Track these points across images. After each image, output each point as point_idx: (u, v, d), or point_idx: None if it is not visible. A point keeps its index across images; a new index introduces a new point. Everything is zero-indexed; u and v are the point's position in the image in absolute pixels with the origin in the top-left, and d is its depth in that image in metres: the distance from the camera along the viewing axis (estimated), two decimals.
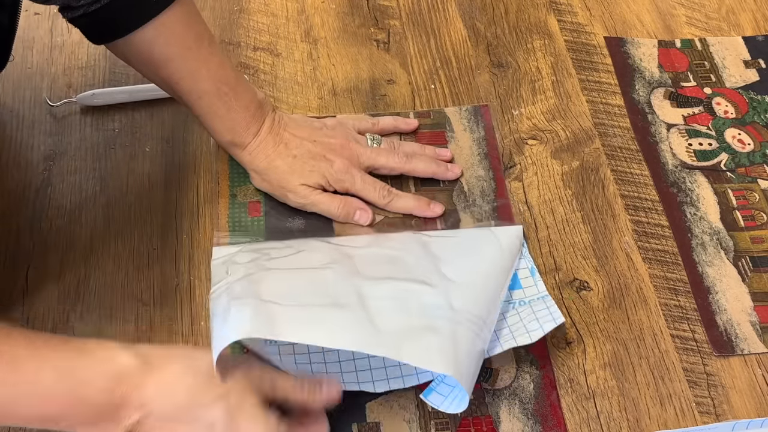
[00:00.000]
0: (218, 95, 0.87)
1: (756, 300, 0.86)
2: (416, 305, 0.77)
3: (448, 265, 0.82)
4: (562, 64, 1.04)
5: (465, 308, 0.77)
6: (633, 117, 1.00)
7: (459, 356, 0.73)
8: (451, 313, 0.76)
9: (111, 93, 0.98)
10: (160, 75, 0.87)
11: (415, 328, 0.75)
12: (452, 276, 0.80)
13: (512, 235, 0.87)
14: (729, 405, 0.80)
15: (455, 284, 0.80)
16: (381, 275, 0.80)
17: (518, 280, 0.84)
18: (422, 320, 0.75)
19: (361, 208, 0.90)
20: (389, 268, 0.81)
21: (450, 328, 0.75)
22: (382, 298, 0.76)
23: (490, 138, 0.97)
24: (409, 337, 0.74)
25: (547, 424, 0.78)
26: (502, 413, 0.79)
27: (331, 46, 1.05)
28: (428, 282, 0.79)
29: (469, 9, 1.09)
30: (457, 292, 0.79)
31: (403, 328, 0.74)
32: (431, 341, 0.74)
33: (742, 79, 1.04)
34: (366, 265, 0.81)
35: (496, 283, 0.82)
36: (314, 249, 0.84)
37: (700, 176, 0.95)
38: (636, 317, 0.85)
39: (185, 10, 0.85)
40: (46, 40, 1.04)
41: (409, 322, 0.75)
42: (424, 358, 0.73)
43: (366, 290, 0.77)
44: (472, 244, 0.86)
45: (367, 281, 0.78)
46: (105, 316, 0.84)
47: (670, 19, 1.10)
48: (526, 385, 0.80)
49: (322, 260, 0.81)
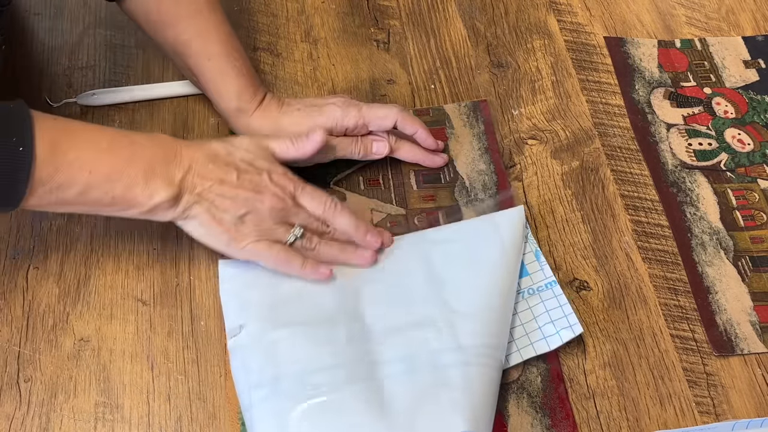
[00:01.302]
0: (228, 58, 0.87)
1: (756, 300, 0.86)
2: (425, 359, 0.78)
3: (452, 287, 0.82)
4: (562, 64, 1.04)
5: (473, 343, 0.78)
6: (633, 117, 1.00)
7: (474, 402, 0.75)
8: (459, 354, 0.78)
9: (111, 93, 0.98)
10: (167, 35, 0.87)
11: (426, 388, 0.76)
12: (457, 304, 0.81)
13: (513, 218, 0.87)
14: (729, 405, 0.80)
15: (461, 315, 0.80)
16: (387, 324, 0.81)
17: (524, 266, 0.85)
18: (433, 375, 0.77)
19: (375, 140, 0.91)
20: (395, 308, 0.82)
21: (461, 372, 0.76)
22: (391, 362, 0.78)
23: (490, 133, 0.98)
24: (422, 403, 0.75)
25: (555, 417, 0.79)
26: (511, 407, 0.79)
27: (331, 46, 1.05)
28: (434, 319, 0.80)
29: (469, 9, 1.09)
30: (463, 325, 0.80)
31: (416, 394, 0.76)
32: (443, 400, 0.75)
33: (741, 79, 1.04)
34: (372, 308, 0.82)
35: (503, 290, 0.82)
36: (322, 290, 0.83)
37: (700, 176, 0.95)
38: (636, 317, 0.85)
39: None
40: (46, 40, 1.04)
41: (420, 383, 0.76)
42: (440, 426, 0.74)
43: (375, 355, 0.78)
44: (475, 247, 0.86)
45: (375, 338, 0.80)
46: (105, 316, 0.84)
47: (670, 19, 1.10)
48: (533, 378, 0.81)
49: (329, 303, 0.82)
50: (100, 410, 0.79)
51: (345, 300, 0.83)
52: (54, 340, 0.82)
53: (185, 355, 0.82)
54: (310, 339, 0.79)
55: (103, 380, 0.80)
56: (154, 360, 0.82)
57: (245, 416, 0.77)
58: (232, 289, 0.84)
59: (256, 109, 0.89)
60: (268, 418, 0.75)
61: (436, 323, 0.80)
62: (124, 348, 0.82)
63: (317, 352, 0.78)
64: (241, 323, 0.81)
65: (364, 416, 0.75)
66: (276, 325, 0.80)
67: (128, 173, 0.76)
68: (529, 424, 0.78)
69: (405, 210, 0.92)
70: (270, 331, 0.80)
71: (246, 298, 0.83)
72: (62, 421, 0.78)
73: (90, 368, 0.81)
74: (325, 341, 0.79)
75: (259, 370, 0.78)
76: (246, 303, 0.82)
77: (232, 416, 0.79)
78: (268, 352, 0.79)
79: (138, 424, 0.78)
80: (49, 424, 0.78)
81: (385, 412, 0.75)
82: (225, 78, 0.88)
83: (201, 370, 0.81)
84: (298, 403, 0.75)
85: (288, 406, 0.75)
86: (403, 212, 0.91)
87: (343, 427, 0.74)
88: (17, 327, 0.83)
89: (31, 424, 0.78)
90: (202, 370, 0.81)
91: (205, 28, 0.86)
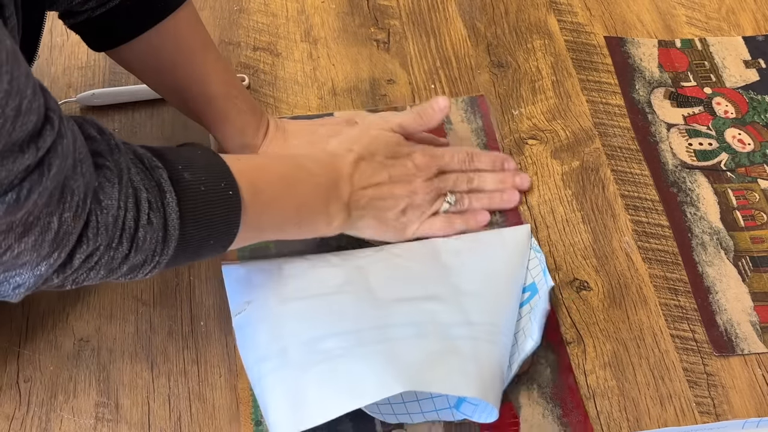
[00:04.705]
0: (228, 98, 0.87)
1: (756, 300, 0.86)
2: (434, 328, 0.78)
3: (459, 275, 0.83)
4: (562, 64, 1.04)
5: (482, 320, 0.78)
6: (633, 117, 1.00)
7: (482, 373, 0.75)
8: (468, 328, 0.78)
9: (111, 93, 0.98)
10: (166, 81, 0.86)
11: (436, 353, 0.76)
12: (464, 287, 0.81)
13: (520, 236, 0.88)
14: (729, 405, 0.80)
15: (469, 295, 0.81)
16: (396, 295, 0.81)
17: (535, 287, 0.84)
18: (443, 343, 0.77)
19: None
20: (402, 284, 0.82)
21: (470, 345, 0.76)
22: (401, 325, 0.78)
23: (488, 127, 0.98)
24: (432, 364, 0.75)
25: (566, 407, 0.79)
26: (522, 398, 0.79)
27: (331, 46, 1.05)
28: (441, 297, 0.81)
29: (469, 9, 1.09)
30: (471, 304, 0.80)
31: (426, 356, 0.75)
32: (453, 365, 0.75)
33: (742, 79, 1.04)
34: (379, 283, 0.82)
35: (508, 288, 0.82)
36: (325, 263, 0.84)
37: (700, 176, 0.95)
38: (636, 317, 0.85)
39: (190, 15, 0.84)
40: (46, 40, 1.04)
41: (430, 348, 0.76)
42: (448, 384, 0.74)
43: (385, 319, 0.78)
44: (481, 250, 0.86)
45: (384, 306, 0.79)
46: (105, 316, 0.84)
47: (670, 19, 1.10)
48: (542, 369, 0.81)
49: (335, 279, 0.82)
50: (100, 410, 0.79)
51: (353, 276, 0.82)
52: (54, 340, 0.82)
53: (185, 355, 0.82)
54: (318, 310, 0.79)
55: (103, 380, 0.80)
56: (154, 360, 0.81)
57: (255, 391, 0.76)
58: (235, 269, 0.83)
59: (262, 143, 0.89)
60: (279, 388, 0.74)
61: (443, 299, 0.80)
62: (124, 348, 0.82)
63: (325, 321, 0.78)
64: (247, 300, 0.80)
65: (372, 374, 0.73)
66: (282, 300, 0.80)
67: (312, 206, 0.80)
68: (541, 414, 0.78)
69: None
70: (276, 305, 0.79)
71: (250, 277, 0.82)
72: (62, 421, 0.78)
73: (90, 368, 0.81)
74: (332, 311, 0.79)
75: (266, 344, 0.77)
76: (250, 281, 0.82)
77: (243, 417, 0.79)
78: (275, 326, 0.78)
79: (138, 424, 0.78)
80: (49, 424, 0.78)
81: (394, 369, 0.73)
82: (227, 119, 0.87)
83: (201, 370, 0.81)
84: (307, 370, 0.74)
85: (297, 375, 0.74)
86: None
87: (351, 385, 0.73)
88: (17, 327, 0.83)
89: (31, 424, 0.78)
90: (202, 370, 0.81)
91: (202, 71, 0.85)
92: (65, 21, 0.83)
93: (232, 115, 0.87)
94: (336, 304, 0.80)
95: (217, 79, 0.86)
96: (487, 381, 0.75)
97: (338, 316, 0.78)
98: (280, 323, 0.78)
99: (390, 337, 0.76)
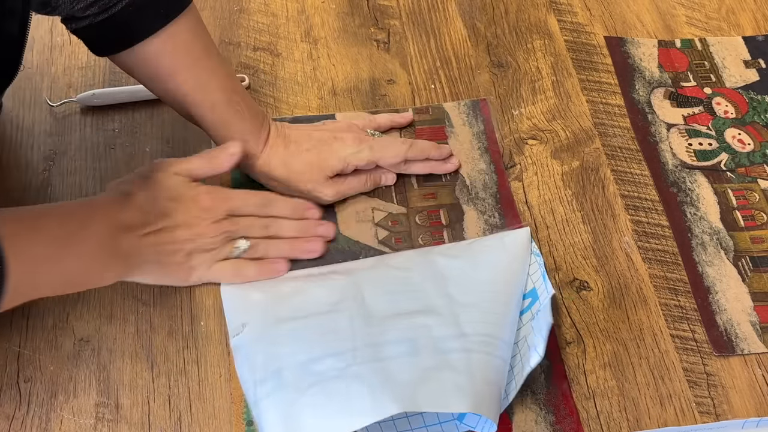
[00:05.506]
0: (230, 104, 0.86)
1: (756, 300, 0.86)
2: (428, 343, 0.78)
3: (456, 286, 0.83)
4: (562, 64, 1.04)
5: (476, 331, 0.78)
6: (633, 117, 1.00)
7: (475, 386, 0.75)
8: (462, 341, 0.78)
9: (111, 93, 0.98)
10: (168, 87, 0.86)
11: (429, 369, 0.76)
12: (460, 297, 0.81)
13: (521, 240, 0.87)
14: (729, 405, 0.80)
15: (465, 306, 0.80)
16: (391, 311, 0.81)
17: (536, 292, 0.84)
18: (436, 358, 0.77)
19: (384, 172, 0.92)
20: (398, 297, 0.82)
21: (464, 357, 0.76)
22: (395, 342, 0.78)
23: (490, 131, 0.98)
24: (426, 381, 0.75)
25: (559, 414, 0.79)
26: (515, 404, 0.79)
27: (331, 46, 1.05)
28: (436, 308, 0.81)
29: (469, 9, 1.09)
30: (466, 314, 0.80)
31: (420, 374, 0.75)
32: (446, 381, 0.75)
33: (742, 79, 1.04)
34: (375, 298, 0.82)
35: (509, 297, 0.82)
36: (321, 280, 0.84)
37: (700, 176, 0.95)
38: (636, 317, 0.85)
39: (193, 20, 0.84)
40: (46, 40, 1.04)
41: (423, 364, 0.76)
42: (441, 402, 0.74)
43: (379, 337, 0.78)
44: (482, 257, 0.86)
45: (379, 323, 0.80)
46: (105, 316, 0.84)
47: (670, 19, 1.10)
48: (536, 375, 0.81)
49: (331, 297, 0.82)
50: (100, 410, 0.79)
51: (348, 293, 0.83)
52: (54, 340, 0.82)
53: (185, 355, 0.82)
54: (313, 330, 0.80)
55: (103, 380, 0.80)
56: (154, 360, 0.82)
57: (253, 413, 0.77)
58: (233, 290, 0.84)
59: (263, 150, 0.89)
60: (274, 411, 0.75)
61: (439, 312, 0.80)
62: (124, 348, 0.82)
63: (320, 342, 0.78)
64: (244, 321, 0.81)
65: (368, 395, 0.74)
66: (278, 320, 0.81)
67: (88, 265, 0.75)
68: (533, 420, 0.78)
69: (406, 209, 0.92)
70: (272, 326, 0.80)
71: (247, 297, 0.83)
72: (62, 421, 0.78)
73: (90, 368, 0.81)
74: (327, 330, 0.79)
75: (263, 365, 0.78)
76: (248, 302, 0.83)
77: (235, 417, 0.79)
78: (271, 347, 0.79)
79: (138, 424, 0.78)
80: (49, 424, 0.78)
81: (389, 389, 0.74)
82: (229, 125, 0.87)
83: (201, 370, 0.81)
84: (303, 392, 0.75)
85: (293, 398, 0.75)
86: (404, 211, 0.92)
87: (347, 407, 0.74)
88: (17, 327, 0.83)
89: (31, 424, 0.78)
90: (202, 370, 0.81)
91: (204, 77, 0.85)
92: (67, 26, 0.83)
93: (233, 122, 0.87)
94: (331, 322, 0.80)
95: (218, 85, 0.86)
96: (481, 394, 0.75)
97: (333, 336, 0.79)
98: (275, 344, 0.79)
99: (384, 355, 0.77)
